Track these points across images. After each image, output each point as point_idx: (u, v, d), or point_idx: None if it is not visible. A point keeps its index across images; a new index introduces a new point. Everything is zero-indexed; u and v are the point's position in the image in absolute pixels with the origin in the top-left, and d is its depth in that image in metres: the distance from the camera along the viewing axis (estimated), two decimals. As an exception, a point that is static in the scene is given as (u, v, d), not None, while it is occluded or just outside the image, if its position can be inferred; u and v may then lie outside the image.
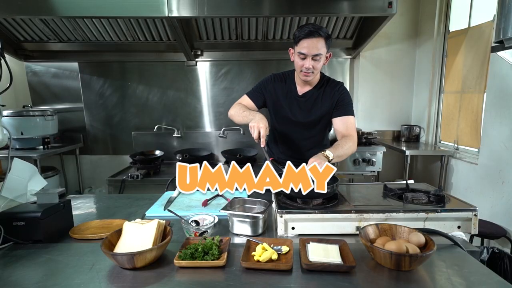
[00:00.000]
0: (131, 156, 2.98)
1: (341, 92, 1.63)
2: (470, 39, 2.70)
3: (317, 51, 1.45)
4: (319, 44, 1.45)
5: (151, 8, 2.33)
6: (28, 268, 0.93)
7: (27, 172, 1.36)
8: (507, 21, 1.55)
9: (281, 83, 1.68)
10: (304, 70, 1.49)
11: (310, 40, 1.44)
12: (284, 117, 1.67)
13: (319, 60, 1.48)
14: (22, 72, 3.42)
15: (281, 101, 1.66)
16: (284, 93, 1.66)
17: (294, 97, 1.65)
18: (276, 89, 1.67)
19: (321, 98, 1.63)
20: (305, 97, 1.64)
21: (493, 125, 2.33)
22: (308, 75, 1.51)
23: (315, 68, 1.49)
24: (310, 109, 1.65)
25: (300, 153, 1.70)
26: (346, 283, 0.82)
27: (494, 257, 1.65)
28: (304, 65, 1.48)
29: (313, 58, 1.46)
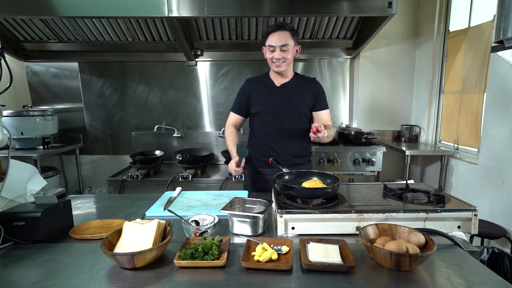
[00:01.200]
0: (131, 156, 2.98)
1: (319, 86, 1.81)
2: (470, 39, 2.71)
3: (283, 42, 1.60)
4: (285, 36, 1.61)
5: (151, 8, 2.33)
6: (28, 268, 0.93)
7: (26, 173, 1.36)
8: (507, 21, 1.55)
9: (257, 82, 1.80)
10: (275, 60, 1.64)
11: (276, 33, 1.61)
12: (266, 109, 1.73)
13: (287, 50, 1.63)
14: (22, 72, 3.42)
15: (259, 95, 1.74)
16: (262, 88, 1.77)
17: (274, 88, 1.75)
18: (253, 89, 1.77)
19: (300, 89, 1.75)
20: (284, 88, 1.75)
21: (493, 125, 2.33)
22: (280, 65, 1.65)
23: (285, 58, 1.63)
24: (291, 99, 1.73)
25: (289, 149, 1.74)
26: (346, 283, 0.82)
27: (494, 257, 1.65)
28: (274, 56, 1.64)
29: (281, 49, 1.61)
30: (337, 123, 3.54)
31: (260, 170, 1.81)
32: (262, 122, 1.76)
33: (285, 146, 1.75)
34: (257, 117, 1.77)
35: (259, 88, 1.77)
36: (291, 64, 1.72)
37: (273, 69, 1.70)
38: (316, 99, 1.78)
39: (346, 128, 3.28)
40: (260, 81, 1.80)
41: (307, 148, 1.84)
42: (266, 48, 1.68)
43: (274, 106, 1.72)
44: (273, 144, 1.75)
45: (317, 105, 1.78)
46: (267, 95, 1.74)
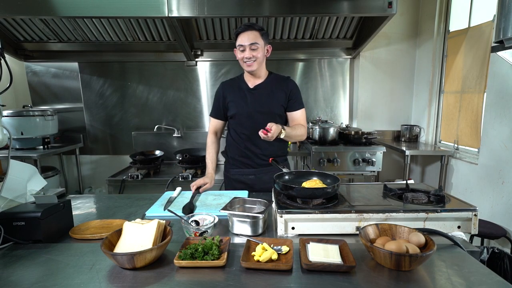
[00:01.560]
0: (131, 156, 2.98)
1: (293, 86, 1.80)
2: (470, 39, 2.71)
3: (252, 40, 1.61)
4: (254, 35, 1.62)
5: (151, 8, 2.33)
6: (28, 268, 0.93)
7: (26, 173, 1.36)
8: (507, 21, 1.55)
9: (231, 85, 1.82)
10: (246, 60, 1.65)
11: (245, 33, 1.62)
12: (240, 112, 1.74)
13: (256, 49, 1.63)
14: (22, 72, 3.42)
15: (233, 98, 1.75)
16: (236, 90, 1.77)
17: (246, 90, 1.76)
18: (228, 92, 1.78)
19: (273, 89, 1.75)
20: (257, 89, 1.75)
21: (493, 125, 2.33)
22: (251, 64, 1.66)
23: (255, 57, 1.64)
24: (264, 100, 1.73)
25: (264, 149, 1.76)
26: (346, 283, 0.82)
27: (494, 257, 1.65)
28: (244, 55, 1.64)
29: (251, 48, 1.62)
30: (337, 123, 3.54)
31: (238, 170, 1.82)
32: (238, 124, 1.77)
33: (261, 147, 1.75)
34: (233, 119, 1.78)
35: (233, 91, 1.77)
36: (263, 63, 1.72)
37: (245, 69, 1.71)
38: (290, 99, 1.76)
39: (346, 128, 3.28)
40: (234, 83, 1.81)
41: (283, 148, 1.86)
42: (236, 49, 1.68)
43: (248, 108, 1.72)
44: (249, 145, 1.76)
45: (291, 105, 1.77)
46: (241, 97, 1.74)
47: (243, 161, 1.79)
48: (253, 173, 1.79)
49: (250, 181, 1.79)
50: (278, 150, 1.81)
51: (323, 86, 3.52)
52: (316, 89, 3.52)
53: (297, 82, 3.49)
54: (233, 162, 1.84)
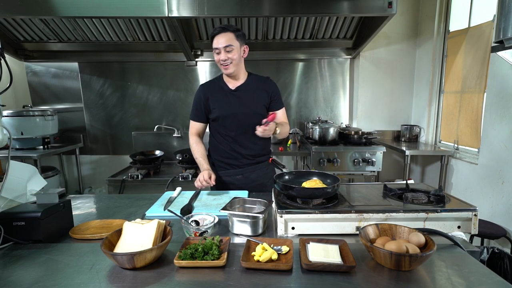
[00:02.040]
0: (131, 156, 2.98)
1: (274, 86, 1.80)
2: (470, 39, 2.71)
3: (227, 43, 1.60)
4: (228, 37, 1.61)
5: (151, 8, 2.33)
6: (28, 268, 0.93)
7: (26, 173, 1.36)
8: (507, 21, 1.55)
9: (210, 87, 1.79)
10: (222, 62, 1.64)
11: (220, 35, 1.61)
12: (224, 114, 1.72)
13: (231, 51, 1.62)
14: (22, 72, 3.42)
15: (216, 100, 1.73)
16: (217, 92, 1.75)
17: (228, 92, 1.74)
18: (209, 94, 1.75)
19: (255, 90, 1.75)
20: (239, 91, 1.74)
21: (493, 125, 2.33)
22: (228, 66, 1.65)
23: (231, 59, 1.62)
24: (248, 101, 1.73)
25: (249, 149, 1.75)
26: (346, 283, 0.82)
27: (494, 257, 1.65)
28: (220, 58, 1.63)
29: (226, 50, 1.61)
30: (337, 123, 3.54)
31: (225, 172, 1.81)
32: (222, 126, 1.75)
33: (245, 148, 1.75)
34: (216, 121, 1.76)
35: (215, 93, 1.75)
36: (240, 65, 1.70)
37: (222, 71, 1.70)
38: (272, 100, 1.77)
39: (346, 128, 3.28)
40: (215, 85, 1.78)
41: (267, 146, 1.86)
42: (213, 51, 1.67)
43: (231, 110, 1.70)
44: (234, 146, 1.75)
45: (273, 105, 1.78)
46: (224, 99, 1.73)
47: (229, 162, 1.79)
48: (240, 173, 1.79)
49: (238, 181, 1.79)
50: (263, 149, 1.82)
51: (323, 86, 3.52)
52: (316, 89, 3.52)
53: (297, 82, 3.52)
54: (218, 163, 1.83)
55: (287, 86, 3.52)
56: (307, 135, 3.33)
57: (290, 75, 3.48)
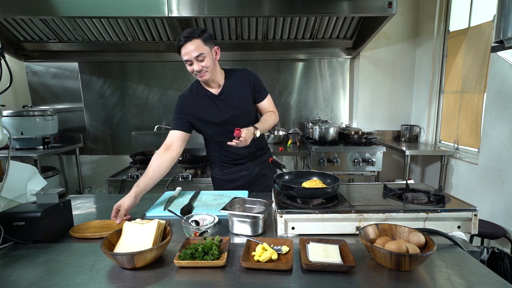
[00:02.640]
0: (131, 156, 2.98)
1: (254, 76, 1.71)
2: (470, 39, 2.71)
3: (196, 52, 1.48)
4: (195, 45, 1.47)
5: (151, 8, 2.33)
6: (28, 268, 0.93)
7: (26, 173, 1.36)
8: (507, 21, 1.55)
9: (193, 95, 1.68)
10: (197, 73, 1.54)
11: (185, 46, 1.48)
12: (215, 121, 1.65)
13: (203, 59, 1.50)
14: (22, 72, 3.43)
15: (203, 109, 1.64)
16: (201, 101, 1.66)
17: (213, 98, 1.65)
18: (192, 103, 1.65)
19: (238, 88, 1.67)
20: (223, 94, 1.65)
21: (493, 125, 2.33)
22: (203, 75, 1.54)
23: (206, 67, 1.52)
24: (235, 102, 1.66)
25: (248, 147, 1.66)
26: (346, 283, 0.82)
27: (494, 257, 1.65)
28: (194, 69, 1.52)
29: (197, 60, 1.49)
30: (337, 123, 3.54)
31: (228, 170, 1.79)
32: (214, 133, 1.69)
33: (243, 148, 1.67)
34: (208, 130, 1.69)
35: (199, 101, 1.65)
36: (216, 68, 1.59)
37: (200, 80, 1.60)
38: (255, 91, 1.69)
39: (346, 128, 3.28)
40: (197, 93, 1.67)
41: (262, 140, 1.83)
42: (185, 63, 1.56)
43: (221, 116, 1.62)
44: (231, 149, 1.68)
45: (257, 96, 1.71)
46: (211, 106, 1.64)
47: (231, 162, 1.77)
48: (244, 169, 1.77)
49: (242, 177, 1.77)
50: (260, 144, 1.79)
51: (323, 86, 3.52)
52: (316, 89, 3.52)
53: (297, 82, 3.52)
54: (221, 164, 1.80)
55: (287, 86, 3.52)
56: (307, 135, 3.33)
57: (290, 75, 3.48)
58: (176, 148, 1.65)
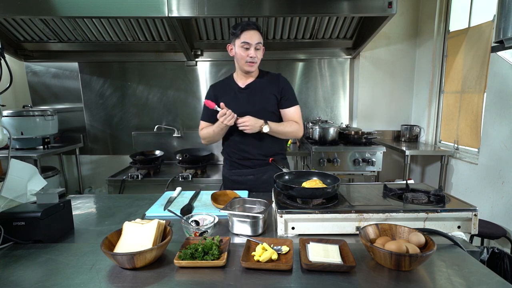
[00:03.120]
0: (131, 156, 2.98)
1: (285, 82, 1.76)
2: (470, 39, 2.71)
3: (258, 40, 1.60)
4: (258, 35, 1.61)
5: (151, 8, 2.33)
6: (28, 268, 0.93)
7: (26, 172, 1.36)
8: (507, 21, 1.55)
9: (221, 86, 1.78)
10: (249, 59, 1.62)
11: (251, 31, 1.59)
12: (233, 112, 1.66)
13: (260, 49, 1.63)
14: (22, 72, 3.42)
15: (225, 98, 1.69)
16: (227, 91, 1.74)
17: (238, 90, 1.73)
18: (219, 94, 1.74)
19: (265, 87, 1.72)
20: (248, 88, 1.72)
21: (493, 125, 2.33)
22: (253, 65, 1.64)
23: (257, 58, 1.63)
24: (256, 98, 1.71)
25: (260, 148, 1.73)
26: (346, 283, 0.82)
27: (494, 257, 1.65)
28: (249, 54, 1.61)
29: (256, 48, 1.61)
30: (337, 123, 3.54)
31: (237, 171, 1.80)
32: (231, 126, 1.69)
33: (257, 147, 1.72)
34: None
35: (224, 92, 1.74)
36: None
37: (244, 68, 1.66)
38: (282, 97, 1.73)
39: (346, 128, 3.28)
40: (225, 84, 1.78)
41: (281, 146, 1.82)
42: (235, 45, 1.64)
43: (240, 108, 1.66)
44: (244, 146, 1.73)
45: (283, 102, 1.74)
46: (233, 98, 1.71)
47: (241, 163, 1.78)
48: (252, 173, 1.78)
49: (249, 182, 1.78)
50: (276, 149, 1.79)
51: (323, 86, 3.52)
52: (316, 89, 3.52)
53: (297, 82, 3.51)
54: (231, 163, 1.83)
55: (287, 86, 3.52)
56: (307, 135, 3.33)
57: (290, 75, 3.48)
58: None
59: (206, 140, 1.79)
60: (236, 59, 1.69)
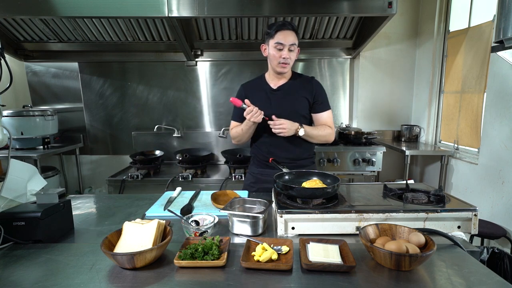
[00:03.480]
0: (131, 156, 2.98)
1: (318, 87, 1.74)
2: (470, 39, 2.71)
3: (292, 41, 1.56)
4: (293, 36, 1.57)
5: (151, 8, 2.33)
6: (28, 268, 0.93)
7: (26, 172, 1.36)
8: (507, 21, 1.55)
9: (252, 87, 1.75)
10: (282, 60, 1.58)
11: (285, 31, 1.56)
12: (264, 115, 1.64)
13: (294, 50, 1.60)
14: (22, 72, 3.42)
15: (257, 100, 1.66)
16: (258, 92, 1.71)
17: (270, 91, 1.70)
18: (250, 95, 1.70)
19: (297, 90, 1.70)
20: (281, 90, 1.70)
21: (493, 125, 2.33)
22: (286, 66, 1.60)
23: (291, 59, 1.60)
24: (288, 101, 1.68)
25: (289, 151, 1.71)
26: (346, 283, 0.82)
27: (494, 257, 1.65)
28: (282, 55, 1.57)
29: (289, 49, 1.57)
30: (337, 123, 3.54)
31: (261, 170, 1.79)
32: (261, 127, 1.69)
33: (285, 149, 1.70)
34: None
35: (256, 92, 1.71)
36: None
37: (276, 69, 1.63)
38: (315, 101, 1.72)
39: (346, 128, 3.28)
40: (256, 85, 1.75)
41: (309, 149, 1.79)
42: (269, 46, 1.61)
43: (271, 110, 1.64)
44: (273, 148, 1.71)
45: (316, 107, 1.72)
46: (264, 99, 1.68)
47: (269, 164, 1.72)
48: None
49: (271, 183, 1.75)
50: (304, 152, 1.76)
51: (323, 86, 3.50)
52: (316, 89, 3.52)
53: (297, 82, 3.51)
54: (259, 162, 1.81)
55: (287, 86, 3.51)
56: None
57: (290, 75, 3.48)
58: None
59: (236, 139, 1.77)
60: (269, 59, 1.66)
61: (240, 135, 1.72)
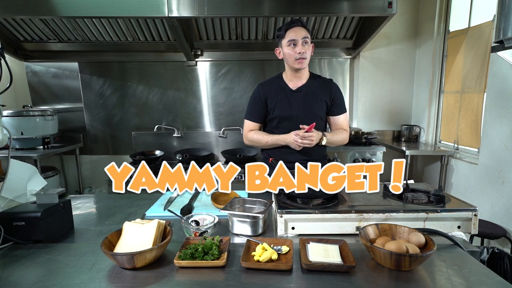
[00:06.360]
0: (131, 156, 2.98)
1: (336, 89, 1.73)
2: (470, 39, 2.71)
3: (304, 34, 1.55)
4: (304, 30, 1.57)
5: (151, 8, 2.33)
6: (28, 268, 0.93)
7: (26, 172, 1.36)
8: (507, 21, 1.55)
9: (270, 86, 1.72)
10: (298, 56, 1.57)
11: (295, 28, 1.56)
12: (283, 114, 1.67)
13: (308, 43, 1.58)
14: (22, 72, 3.42)
15: (276, 100, 1.66)
16: (277, 92, 1.69)
17: (289, 92, 1.68)
18: (269, 94, 1.69)
19: (316, 92, 1.68)
20: (300, 92, 1.68)
21: (493, 125, 2.33)
22: (303, 61, 1.58)
23: (307, 53, 1.58)
24: (308, 102, 1.67)
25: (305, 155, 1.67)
26: (346, 283, 0.82)
27: (494, 257, 1.65)
28: (296, 51, 1.56)
29: (303, 43, 1.56)
30: (337, 123, 3.54)
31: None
32: (277, 128, 1.68)
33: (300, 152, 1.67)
34: (272, 122, 1.70)
35: (275, 92, 1.67)
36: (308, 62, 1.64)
37: (295, 66, 1.61)
38: (333, 103, 1.70)
39: (346, 128, 3.28)
40: (274, 84, 1.71)
41: (323, 151, 1.78)
42: (283, 45, 1.59)
43: (291, 111, 1.63)
44: (290, 155, 1.67)
45: (334, 109, 1.71)
46: (284, 99, 1.66)
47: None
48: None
49: None
50: (318, 154, 1.73)
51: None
52: (316, 89, 3.52)
53: (297, 82, 3.51)
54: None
55: (287, 86, 3.51)
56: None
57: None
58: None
59: (252, 143, 1.74)
60: (285, 59, 1.64)
61: (262, 145, 1.71)
